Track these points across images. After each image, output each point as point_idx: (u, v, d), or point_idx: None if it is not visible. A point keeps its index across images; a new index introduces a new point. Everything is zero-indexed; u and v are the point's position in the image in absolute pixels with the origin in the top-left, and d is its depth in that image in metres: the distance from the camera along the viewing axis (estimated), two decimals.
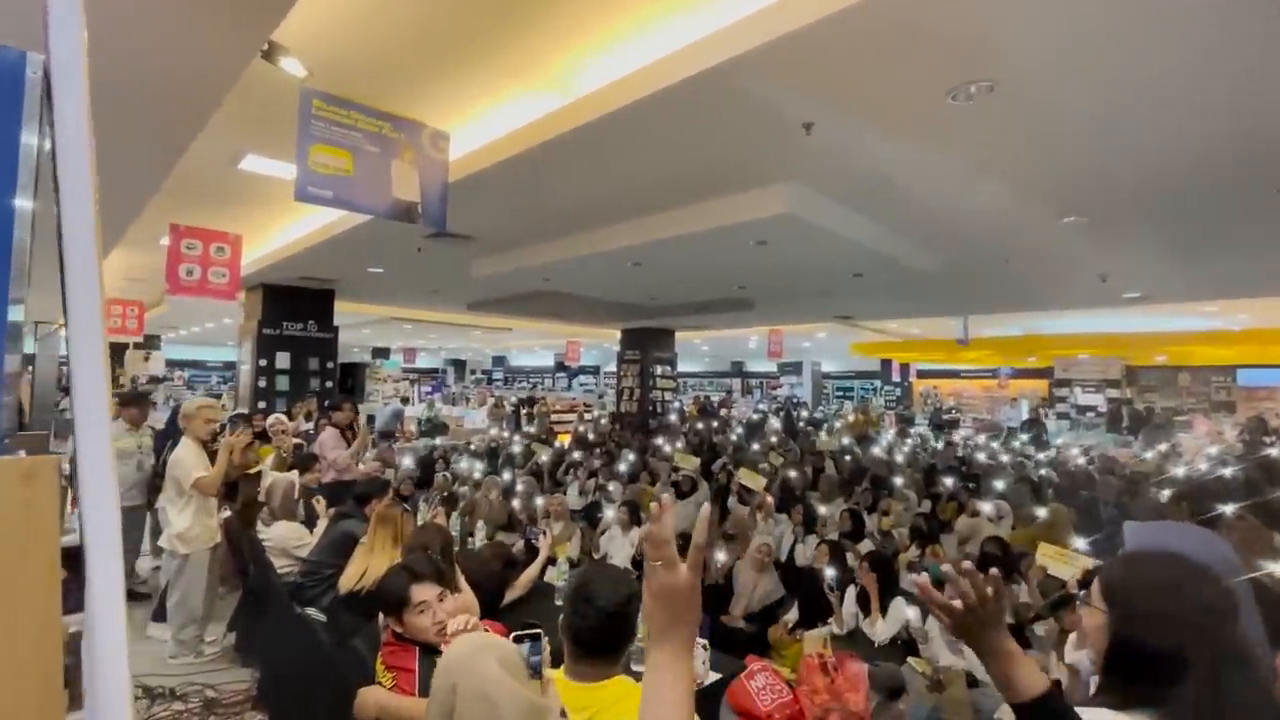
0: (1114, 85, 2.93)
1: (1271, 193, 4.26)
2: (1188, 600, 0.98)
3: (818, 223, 4.66)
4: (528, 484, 6.05)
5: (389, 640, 1.98)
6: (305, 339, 8.82)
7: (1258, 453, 8.18)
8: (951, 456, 9.14)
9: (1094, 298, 8.76)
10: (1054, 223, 5.09)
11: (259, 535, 3.90)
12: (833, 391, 22.89)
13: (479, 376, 28.28)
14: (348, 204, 3.32)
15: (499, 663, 1.00)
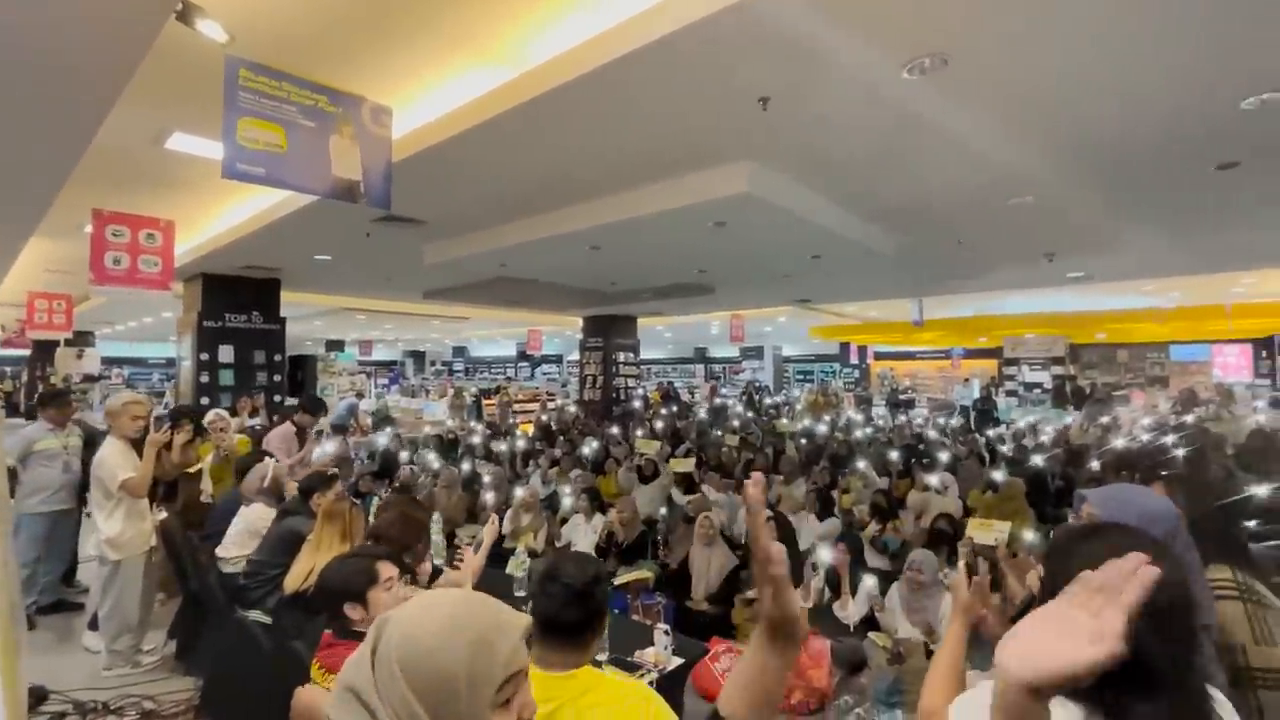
0: (1060, 66, 2.96)
1: (1208, 172, 4.42)
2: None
3: (776, 203, 4.64)
4: (496, 474, 5.93)
5: (329, 641, 1.84)
6: (249, 331, 8.42)
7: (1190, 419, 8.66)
8: (907, 435, 9.36)
9: (1040, 278, 9.05)
10: (1003, 203, 5.20)
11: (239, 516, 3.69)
12: (793, 375, 23.23)
13: (439, 368, 27.71)
14: (282, 182, 3.12)
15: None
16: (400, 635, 0.70)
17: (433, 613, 0.72)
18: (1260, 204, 5.24)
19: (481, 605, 0.75)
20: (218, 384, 8.09)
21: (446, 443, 9.42)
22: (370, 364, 23.52)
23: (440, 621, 0.71)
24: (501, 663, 0.71)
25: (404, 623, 0.71)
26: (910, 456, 7.28)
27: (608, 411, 12.55)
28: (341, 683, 0.72)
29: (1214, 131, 3.73)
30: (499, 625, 0.73)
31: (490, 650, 0.71)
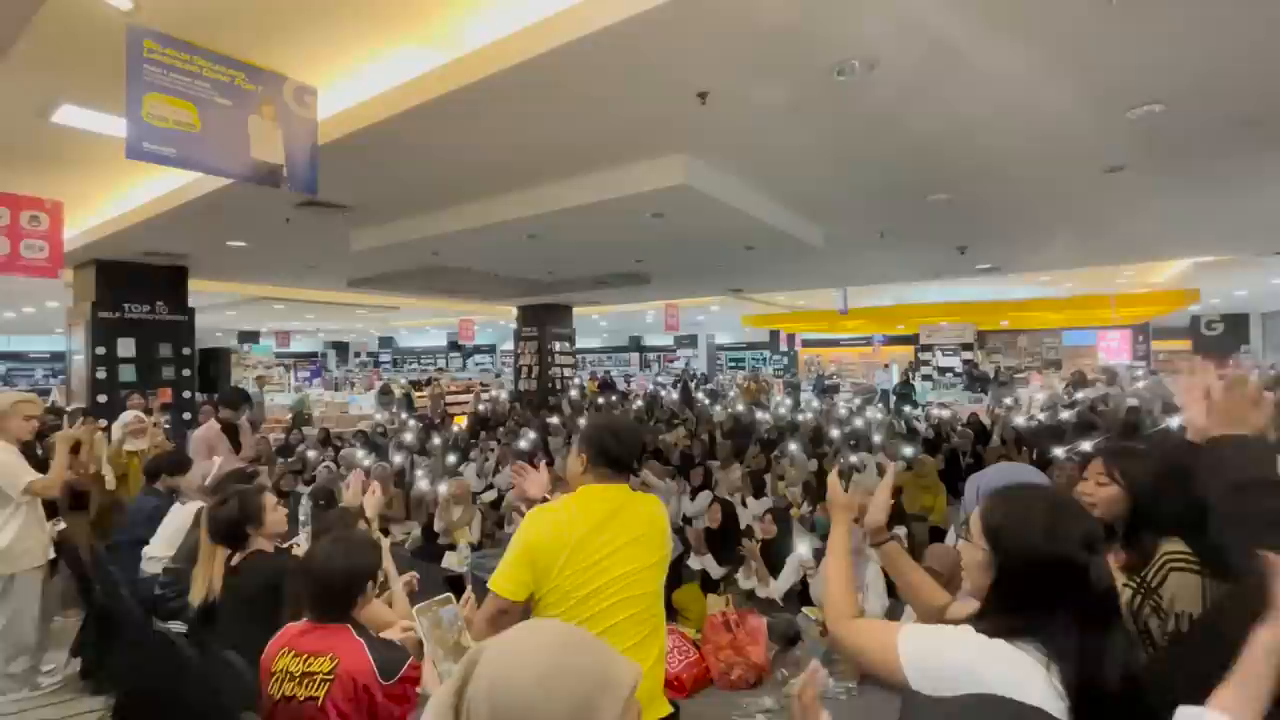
0: (971, 79, 3.17)
1: (1099, 175, 4.85)
2: (1065, 537, 1.04)
3: (713, 195, 4.73)
4: (431, 468, 5.78)
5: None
6: (153, 323, 7.77)
7: (1079, 398, 9.57)
8: (833, 418, 9.82)
9: (953, 268, 9.66)
10: (923, 199, 5.52)
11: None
12: (726, 362, 23.78)
13: (364, 360, 26.55)
14: (196, 164, 2.91)
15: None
16: (493, 683, 0.63)
17: (533, 657, 0.65)
18: (1141, 203, 5.81)
19: (588, 655, 0.67)
20: (117, 381, 7.44)
21: (376, 437, 9.09)
22: (288, 356, 22.26)
23: (541, 670, 0.64)
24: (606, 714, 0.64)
25: (500, 665, 0.64)
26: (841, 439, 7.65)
27: (544, 401, 12.45)
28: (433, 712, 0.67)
29: (1105, 138, 4.11)
30: (605, 683, 0.66)
31: (593, 713, 0.63)
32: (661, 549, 1.85)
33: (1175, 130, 3.96)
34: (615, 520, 1.75)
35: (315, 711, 1.56)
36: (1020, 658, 1.00)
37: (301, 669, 1.61)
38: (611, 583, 1.69)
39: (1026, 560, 1.05)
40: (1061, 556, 1.03)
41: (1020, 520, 1.08)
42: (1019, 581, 1.06)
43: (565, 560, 1.66)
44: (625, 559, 1.72)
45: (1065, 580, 1.02)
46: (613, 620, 1.68)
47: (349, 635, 1.65)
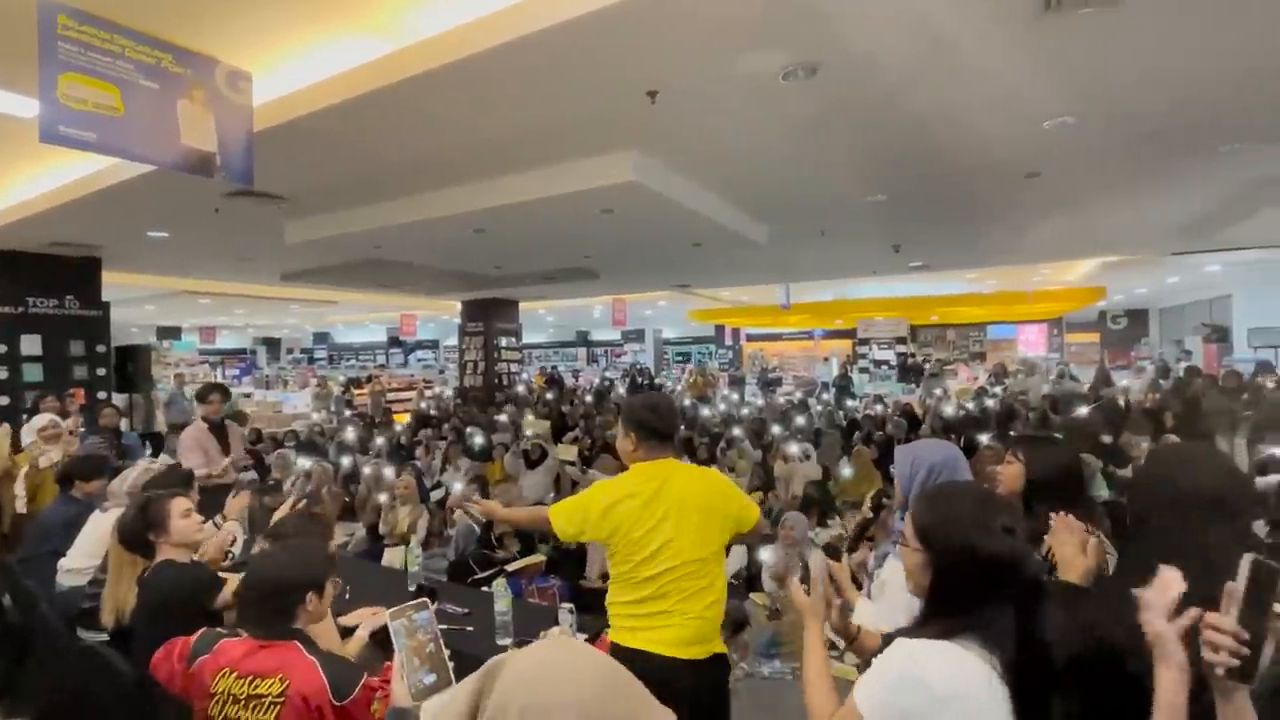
0: (908, 84, 3.35)
1: (1019, 180, 5.20)
2: (991, 529, 1.10)
3: (662, 192, 4.80)
4: (376, 468, 5.63)
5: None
6: (62, 318, 7.21)
7: (999, 390, 10.25)
8: (776, 411, 10.12)
9: (888, 266, 10.11)
10: (861, 199, 5.76)
11: None
12: (673, 357, 24.02)
13: (297, 356, 25.37)
14: (120, 150, 2.74)
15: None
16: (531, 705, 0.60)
17: (569, 686, 0.61)
18: (1056, 207, 6.25)
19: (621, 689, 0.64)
20: (21, 380, 6.87)
21: (314, 437, 8.76)
22: (213, 353, 21.03)
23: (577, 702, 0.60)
24: None
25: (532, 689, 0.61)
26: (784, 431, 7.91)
27: (490, 397, 12.27)
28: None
29: (1024, 147, 4.41)
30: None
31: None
32: (717, 514, 2.05)
33: (1085, 141, 4.29)
34: (665, 491, 1.99)
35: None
36: (962, 655, 1.05)
37: (247, 691, 1.50)
38: (665, 546, 1.95)
39: (958, 554, 1.11)
40: (990, 547, 1.09)
41: (948, 517, 1.15)
42: (955, 575, 1.12)
43: (621, 521, 1.96)
44: (677, 525, 1.96)
45: (997, 569, 1.09)
46: (671, 577, 1.95)
47: (299, 653, 1.55)
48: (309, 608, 1.63)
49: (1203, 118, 3.95)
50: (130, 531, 2.25)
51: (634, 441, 2.07)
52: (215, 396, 4.37)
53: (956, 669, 1.04)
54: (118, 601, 2.32)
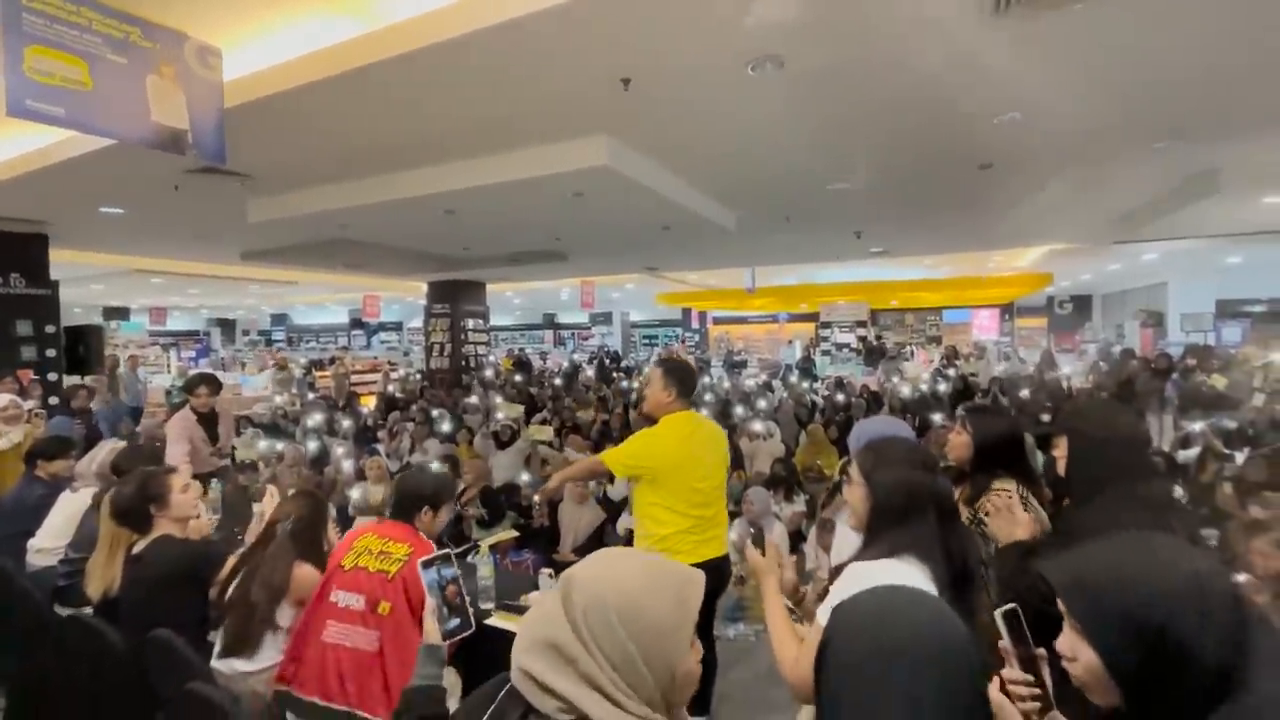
0: (869, 78, 3.51)
1: (973, 171, 5.46)
2: (914, 463, 1.40)
3: (633, 177, 4.89)
4: (346, 449, 5.64)
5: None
6: (7, 297, 6.90)
7: (951, 373, 10.74)
8: (741, 392, 10.38)
9: (850, 251, 10.40)
10: (824, 186, 5.95)
11: None
12: (640, 339, 24.17)
13: (254, 338, 24.63)
14: (89, 125, 2.71)
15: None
16: (613, 592, 0.79)
17: (631, 570, 0.83)
18: (1006, 196, 6.57)
19: (667, 564, 0.87)
20: None
21: (277, 419, 8.63)
22: (163, 335, 20.26)
23: (644, 577, 0.82)
24: (694, 611, 0.82)
25: (610, 581, 0.81)
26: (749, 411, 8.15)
27: (458, 380, 12.22)
28: (532, 635, 0.81)
29: (976, 140, 4.65)
30: (689, 580, 0.84)
31: (686, 601, 0.82)
32: (723, 453, 2.72)
33: (1032, 136, 4.55)
34: (697, 434, 2.59)
35: (384, 581, 1.98)
36: (903, 566, 1.29)
37: (381, 548, 2.05)
38: (708, 475, 2.57)
39: (890, 485, 1.39)
40: (913, 478, 1.38)
41: (883, 457, 1.45)
42: (886, 502, 1.39)
43: (677, 463, 2.50)
44: (707, 460, 2.59)
45: (920, 495, 1.36)
46: (713, 498, 2.60)
47: (419, 537, 2.13)
48: (423, 516, 2.18)
49: (1139, 117, 4.24)
50: (129, 505, 2.30)
51: (672, 394, 2.58)
52: (203, 389, 4.24)
53: (899, 578, 1.25)
54: (106, 576, 2.36)
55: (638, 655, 0.77)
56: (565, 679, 0.77)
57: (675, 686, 0.81)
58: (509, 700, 0.82)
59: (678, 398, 2.59)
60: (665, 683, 0.80)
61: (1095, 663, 0.84)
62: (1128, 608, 0.81)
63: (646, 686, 0.78)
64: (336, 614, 1.99)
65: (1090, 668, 0.85)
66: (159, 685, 2.10)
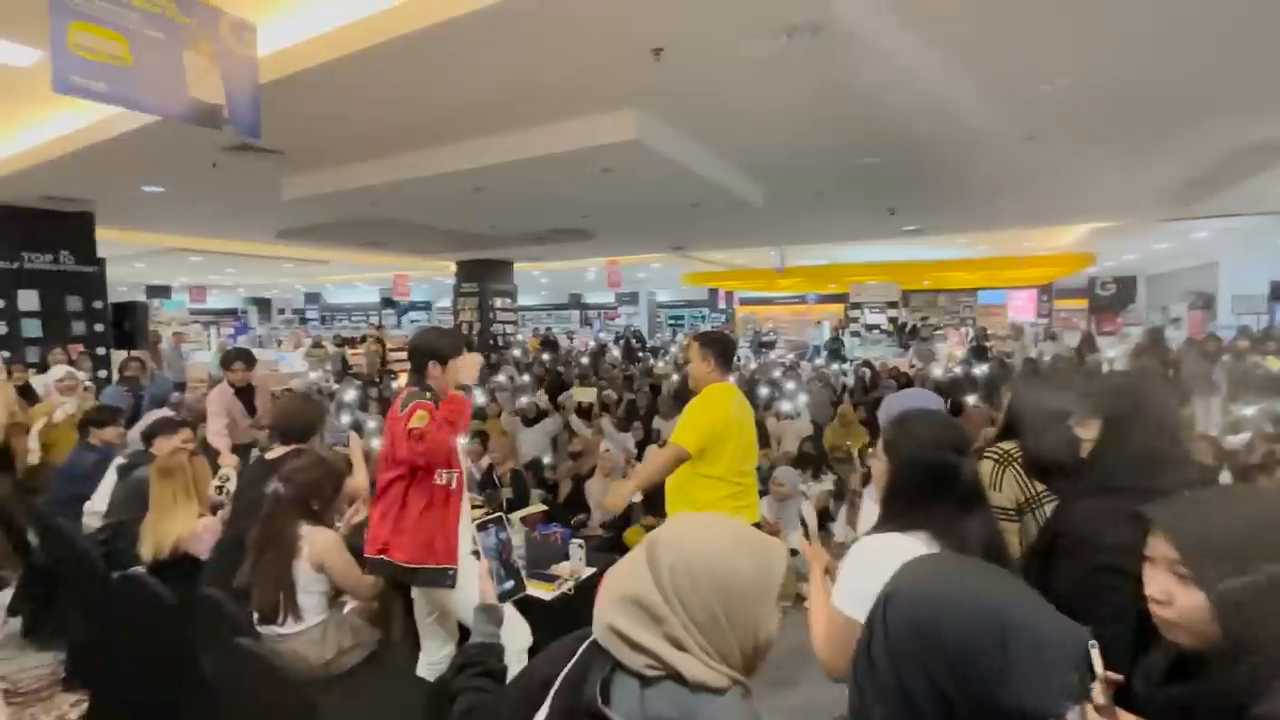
0: (910, 44, 3.38)
1: (1015, 142, 5.25)
2: (939, 443, 1.33)
3: (661, 151, 4.82)
4: (378, 423, 5.75)
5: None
6: (59, 273, 7.18)
7: (982, 356, 10.48)
8: (769, 372, 10.30)
9: (882, 230, 10.17)
10: (856, 161, 5.80)
11: None
12: (666, 320, 24.09)
13: (289, 316, 25.22)
14: (129, 101, 2.76)
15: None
16: (698, 551, 0.81)
17: (718, 533, 0.84)
18: (1050, 170, 6.32)
19: (750, 530, 0.88)
20: (20, 335, 6.89)
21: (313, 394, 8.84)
22: (204, 313, 20.87)
23: (731, 540, 0.83)
24: (778, 578, 0.83)
25: (697, 540, 0.82)
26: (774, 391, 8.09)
27: (486, 359, 12.36)
28: (618, 592, 0.82)
29: (1021, 109, 4.46)
30: (771, 546, 0.86)
31: (769, 564, 0.83)
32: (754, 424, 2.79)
33: (1081, 104, 4.35)
34: (740, 403, 2.69)
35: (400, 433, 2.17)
36: (911, 542, 1.26)
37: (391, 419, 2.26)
38: (750, 444, 2.69)
39: (910, 461, 1.35)
40: (937, 457, 1.32)
41: (908, 433, 1.39)
42: (905, 477, 1.35)
43: (727, 432, 2.55)
44: (747, 427, 2.69)
45: (941, 475, 1.31)
46: (752, 466, 2.71)
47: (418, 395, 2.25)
48: (432, 371, 2.30)
49: (1199, 84, 4.01)
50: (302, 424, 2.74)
51: (711, 365, 2.64)
52: (238, 365, 4.33)
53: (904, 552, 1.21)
54: (158, 536, 2.46)
55: (722, 615, 0.78)
56: (654, 636, 0.78)
57: (757, 650, 0.82)
58: (593, 654, 0.83)
59: (717, 368, 2.64)
60: (748, 646, 0.81)
61: (1195, 603, 0.88)
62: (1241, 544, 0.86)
63: (729, 647, 0.79)
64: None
65: (1187, 610, 0.90)
66: (208, 642, 2.20)
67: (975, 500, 1.32)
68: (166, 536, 2.47)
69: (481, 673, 1.15)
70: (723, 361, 2.65)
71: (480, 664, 1.17)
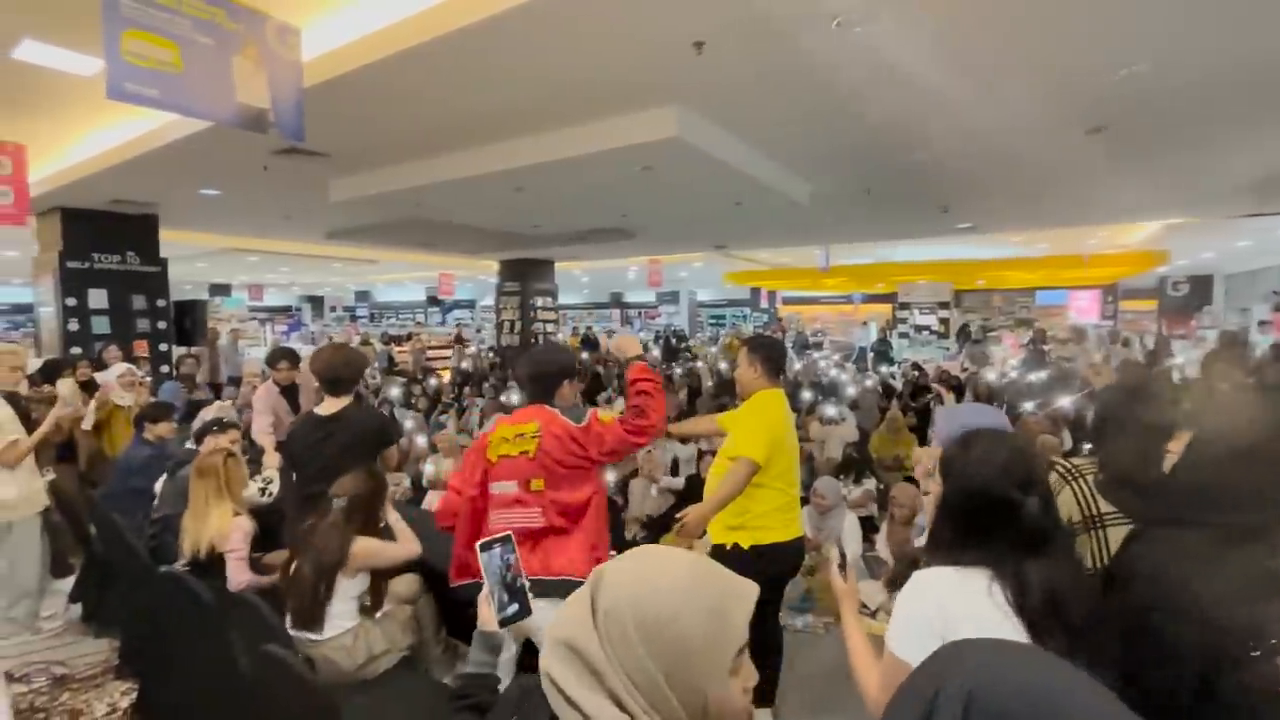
0: (970, 31, 3.17)
1: (1078, 135, 4.92)
2: (1001, 477, 1.16)
3: (703, 149, 4.71)
4: (416, 421, 5.84)
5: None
6: (125, 273, 7.55)
7: (1040, 358, 9.92)
8: (812, 373, 10.03)
9: (934, 227, 9.77)
10: (908, 155, 5.54)
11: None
12: (706, 319, 23.89)
13: (340, 314, 26.10)
14: (180, 106, 2.82)
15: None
16: (634, 597, 0.67)
17: (667, 576, 0.69)
18: (1119, 165, 5.91)
19: (714, 571, 0.73)
20: (90, 332, 7.27)
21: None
22: (261, 310, 21.77)
23: (678, 586, 0.68)
24: (738, 630, 0.69)
25: (635, 584, 0.68)
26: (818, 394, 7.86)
27: None
28: (558, 637, 0.69)
29: (1090, 97, 4.16)
30: (734, 593, 0.71)
31: (727, 616, 0.68)
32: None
33: (1158, 91, 4.03)
34: (787, 410, 2.57)
35: (527, 461, 2.07)
36: (971, 578, 1.13)
37: (514, 433, 2.12)
38: (795, 451, 2.56)
39: (968, 491, 1.19)
40: (1000, 494, 1.16)
41: (973, 459, 1.22)
42: (962, 506, 1.20)
43: (784, 440, 2.48)
44: (795, 436, 2.60)
45: (1002, 514, 1.15)
46: (795, 475, 2.57)
47: (544, 410, 2.15)
48: (563, 391, 2.22)
49: None
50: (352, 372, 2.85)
51: (759, 371, 2.54)
52: (284, 364, 4.36)
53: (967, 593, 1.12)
54: (195, 535, 2.50)
55: (659, 675, 0.65)
56: (589, 691, 0.66)
57: (708, 715, 0.68)
58: (534, 703, 0.72)
59: (764, 374, 2.54)
60: (695, 711, 0.67)
61: None
62: None
63: (673, 713, 0.66)
64: (498, 501, 2.13)
65: None
66: (243, 643, 2.22)
67: (1041, 541, 1.16)
68: (202, 535, 2.51)
69: (469, 706, 1.09)
70: (770, 367, 2.55)
71: (469, 697, 1.11)
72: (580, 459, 2.07)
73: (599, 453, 2.08)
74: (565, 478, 2.07)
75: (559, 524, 2.07)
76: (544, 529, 2.06)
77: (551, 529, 2.06)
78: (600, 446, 2.07)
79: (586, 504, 2.10)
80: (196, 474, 2.63)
